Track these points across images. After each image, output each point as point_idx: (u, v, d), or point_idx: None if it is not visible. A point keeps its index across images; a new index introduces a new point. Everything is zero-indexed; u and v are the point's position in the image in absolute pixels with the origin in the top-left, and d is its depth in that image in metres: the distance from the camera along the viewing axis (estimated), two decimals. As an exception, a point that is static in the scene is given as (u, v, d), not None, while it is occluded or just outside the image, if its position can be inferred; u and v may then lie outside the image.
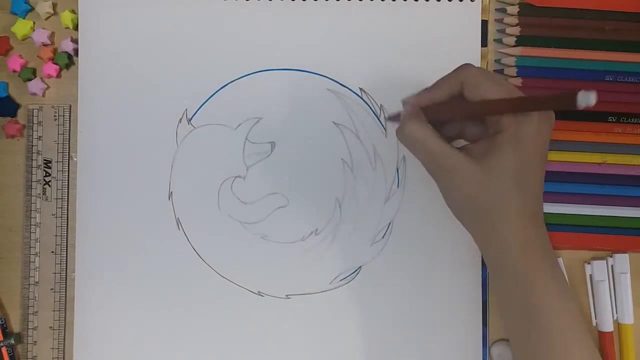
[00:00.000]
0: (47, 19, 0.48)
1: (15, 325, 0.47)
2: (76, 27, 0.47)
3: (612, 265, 0.46)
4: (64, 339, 0.46)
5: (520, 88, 0.46)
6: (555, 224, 0.46)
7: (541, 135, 0.37)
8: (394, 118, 0.44)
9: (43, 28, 0.47)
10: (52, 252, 0.46)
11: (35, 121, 0.47)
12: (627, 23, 0.47)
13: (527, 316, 0.37)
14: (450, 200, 0.39)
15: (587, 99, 0.31)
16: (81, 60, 0.47)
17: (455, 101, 0.39)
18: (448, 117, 0.40)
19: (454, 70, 0.39)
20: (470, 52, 0.47)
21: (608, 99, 0.46)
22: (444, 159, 0.37)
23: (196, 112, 0.47)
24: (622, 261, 0.46)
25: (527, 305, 0.37)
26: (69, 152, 0.47)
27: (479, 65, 0.47)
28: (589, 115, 0.46)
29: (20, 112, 0.48)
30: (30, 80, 0.47)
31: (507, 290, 0.38)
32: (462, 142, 0.40)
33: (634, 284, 0.46)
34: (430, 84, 0.44)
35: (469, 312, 0.46)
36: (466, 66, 0.39)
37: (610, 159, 0.46)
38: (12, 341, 0.46)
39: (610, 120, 0.46)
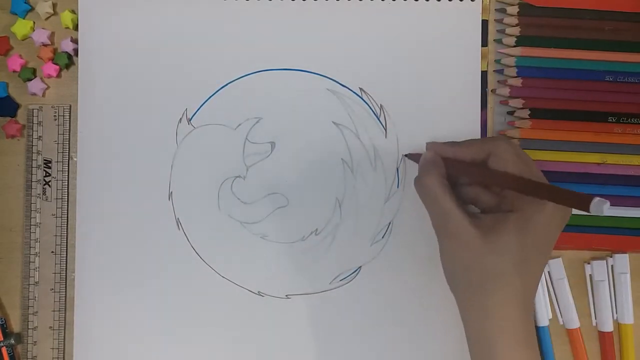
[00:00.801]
0: (47, 19, 0.48)
1: (15, 325, 0.47)
2: (76, 27, 0.47)
3: (612, 265, 0.46)
4: (64, 339, 0.46)
5: (520, 88, 0.46)
6: (555, 224, 0.46)
7: (551, 226, 0.37)
8: (412, 157, 0.44)
9: (43, 28, 0.47)
10: (52, 252, 0.46)
11: (35, 121, 0.47)
12: (626, 23, 0.47)
13: None
14: (447, 264, 0.39)
15: (599, 208, 0.32)
16: (81, 60, 0.47)
17: (478, 165, 0.39)
18: (467, 177, 0.40)
19: (486, 137, 0.40)
20: (470, 52, 0.47)
21: (608, 99, 0.46)
22: (451, 222, 0.37)
23: (196, 112, 0.47)
24: (622, 261, 0.46)
25: None
26: (69, 152, 0.47)
27: (479, 65, 0.47)
28: (589, 115, 0.46)
29: (20, 112, 0.48)
30: (30, 80, 0.47)
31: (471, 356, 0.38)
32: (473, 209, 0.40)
33: (634, 284, 0.46)
34: (430, 83, 0.44)
35: (469, 312, 0.46)
36: (499, 138, 0.39)
37: (610, 159, 0.46)
38: (12, 341, 0.46)
39: (610, 120, 0.46)
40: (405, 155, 0.46)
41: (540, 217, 0.37)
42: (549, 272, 0.46)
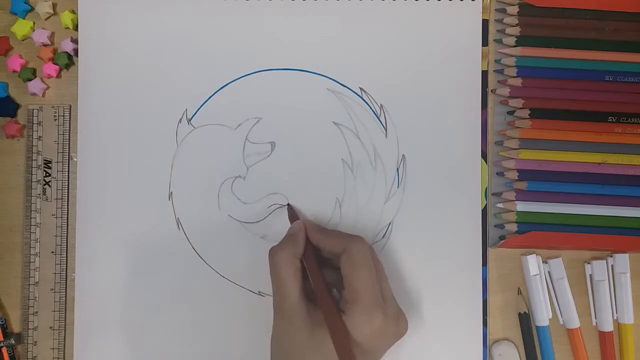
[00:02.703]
0: (47, 19, 0.48)
1: (15, 326, 0.47)
2: (76, 27, 0.47)
3: (612, 265, 0.46)
4: (64, 339, 0.46)
5: (520, 88, 0.46)
6: (555, 224, 0.46)
7: (378, 339, 0.38)
8: (289, 212, 0.45)
9: (43, 28, 0.47)
10: (52, 252, 0.46)
11: (35, 121, 0.47)
12: (627, 23, 0.47)
13: None
14: (273, 345, 0.39)
15: None
16: (81, 60, 0.47)
17: (326, 255, 0.41)
18: (307, 266, 0.40)
19: (347, 235, 0.40)
20: (470, 52, 0.47)
21: (608, 99, 0.46)
22: (287, 304, 0.38)
23: (196, 112, 0.47)
24: (622, 261, 0.46)
25: None
26: (69, 152, 0.47)
27: (480, 65, 0.47)
28: (589, 115, 0.46)
29: (20, 112, 0.48)
30: (30, 80, 0.47)
31: None
32: None
33: (634, 283, 0.46)
34: (430, 83, 0.44)
35: (469, 312, 0.46)
36: (355, 239, 0.40)
37: (610, 159, 0.46)
38: (12, 341, 0.46)
39: (610, 120, 0.46)
40: (287, 205, 0.46)
41: (366, 330, 0.37)
42: (549, 272, 0.46)
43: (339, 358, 0.36)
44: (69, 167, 0.47)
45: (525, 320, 0.46)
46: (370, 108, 0.47)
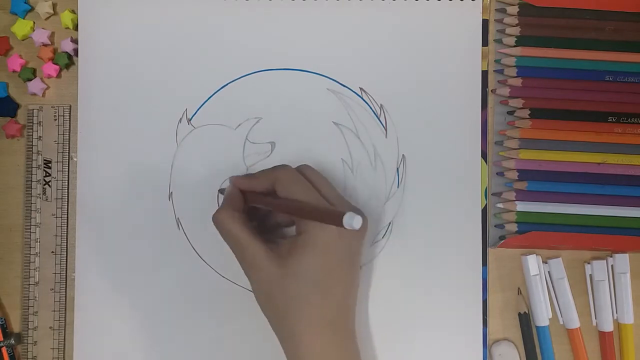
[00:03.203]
0: (47, 19, 0.48)
1: (15, 325, 0.47)
2: (76, 27, 0.47)
3: (612, 265, 0.46)
4: (64, 339, 0.46)
5: (520, 88, 0.46)
6: (555, 224, 0.46)
7: (343, 244, 0.38)
8: (222, 191, 0.45)
9: (43, 28, 0.47)
10: (52, 252, 0.46)
11: (35, 121, 0.47)
12: (627, 23, 0.46)
13: None
14: (256, 294, 0.40)
15: (350, 222, 0.33)
16: (81, 60, 0.47)
17: (267, 196, 0.41)
18: (264, 206, 0.41)
19: (272, 167, 0.41)
20: (470, 52, 0.47)
21: (608, 99, 0.46)
22: (247, 253, 0.39)
23: (196, 112, 0.47)
24: (622, 261, 0.46)
25: None
26: (69, 152, 0.47)
27: (480, 65, 0.47)
28: (589, 115, 0.46)
29: (20, 112, 0.48)
30: (30, 80, 0.47)
31: None
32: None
33: (634, 283, 0.46)
34: (430, 83, 0.44)
35: (469, 312, 0.46)
36: (280, 167, 0.41)
37: (610, 159, 0.46)
38: (12, 341, 0.46)
39: (610, 120, 0.46)
40: (219, 191, 0.46)
41: (327, 235, 0.37)
42: (549, 272, 0.46)
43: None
44: (69, 167, 0.47)
45: (525, 320, 0.46)
46: (370, 108, 0.47)
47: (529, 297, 0.46)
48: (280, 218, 0.43)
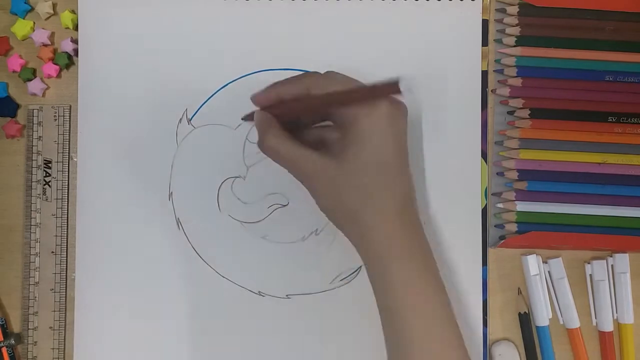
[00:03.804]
0: (47, 19, 0.48)
1: (15, 326, 0.47)
2: (76, 27, 0.47)
3: (612, 265, 0.46)
4: (64, 339, 0.46)
5: (520, 88, 0.46)
6: (555, 224, 0.46)
7: (392, 130, 0.37)
8: (248, 118, 0.43)
9: (43, 28, 0.47)
10: (52, 252, 0.46)
11: (35, 121, 0.47)
12: (627, 23, 0.46)
13: (385, 317, 0.38)
14: (322, 205, 0.39)
15: (407, 83, 0.34)
16: (81, 60, 0.47)
17: (302, 98, 0.39)
18: (297, 115, 0.40)
19: (299, 75, 0.40)
20: (470, 52, 0.47)
21: (608, 99, 0.46)
22: (304, 166, 0.38)
23: (196, 112, 0.47)
24: (622, 261, 0.46)
25: (384, 300, 0.37)
26: (69, 152, 0.47)
27: (480, 65, 0.47)
28: (589, 115, 0.46)
29: (20, 112, 0.48)
30: (30, 80, 0.47)
31: (375, 290, 0.38)
32: None
33: (634, 283, 0.46)
34: (430, 83, 0.44)
35: (469, 312, 0.46)
36: (310, 73, 0.40)
37: (611, 159, 0.46)
38: (12, 341, 0.46)
39: (610, 120, 0.46)
40: (242, 119, 0.44)
41: (376, 121, 0.37)
42: (549, 272, 0.46)
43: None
44: (69, 167, 0.47)
45: (525, 320, 0.46)
46: (370, 108, 0.47)
47: (529, 297, 0.46)
48: (309, 118, 0.41)
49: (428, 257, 0.38)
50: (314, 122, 0.42)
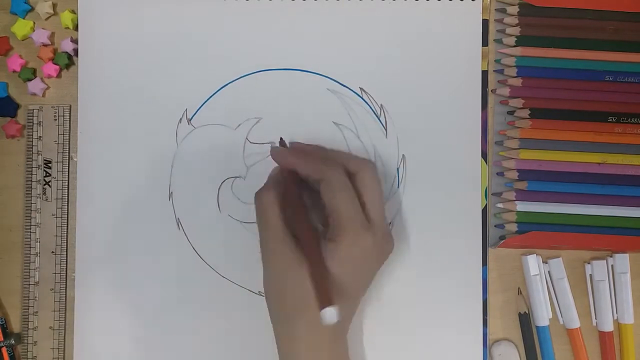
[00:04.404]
0: (47, 19, 0.48)
1: (15, 326, 0.47)
2: (76, 27, 0.47)
3: (612, 265, 0.46)
4: (64, 339, 0.46)
5: (520, 88, 0.46)
6: (555, 224, 0.46)
7: (366, 260, 0.38)
8: (280, 144, 0.45)
9: (43, 28, 0.47)
10: (52, 252, 0.46)
11: (35, 121, 0.47)
12: (627, 23, 0.46)
13: None
14: (266, 285, 0.39)
15: (325, 317, 0.34)
16: (81, 60, 0.47)
17: (310, 184, 0.40)
18: (299, 189, 0.41)
19: (326, 163, 0.40)
20: (470, 52, 0.47)
21: (608, 99, 0.46)
22: (275, 240, 0.38)
23: (196, 112, 0.47)
24: (622, 261, 0.46)
25: None
26: (69, 152, 0.47)
27: (480, 65, 0.47)
28: (589, 115, 0.46)
29: (20, 112, 0.48)
30: (30, 80, 0.47)
31: None
32: None
33: (634, 283, 0.46)
34: (430, 83, 0.44)
35: (469, 312, 0.46)
36: (334, 168, 0.39)
37: (610, 159, 0.46)
38: (12, 341, 0.46)
39: (610, 120, 0.46)
40: (272, 146, 0.45)
41: (354, 249, 0.37)
42: (549, 272, 0.46)
43: (314, 293, 0.36)
44: (69, 167, 0.47)
45: (525, 320, 0.46)
46: (370, 108, 0.47)
47: (529, 297, 0.46)
48: (315, 215, 0.42)
49: None
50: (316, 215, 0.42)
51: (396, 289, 0.46)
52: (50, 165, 0.47)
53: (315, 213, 0.42)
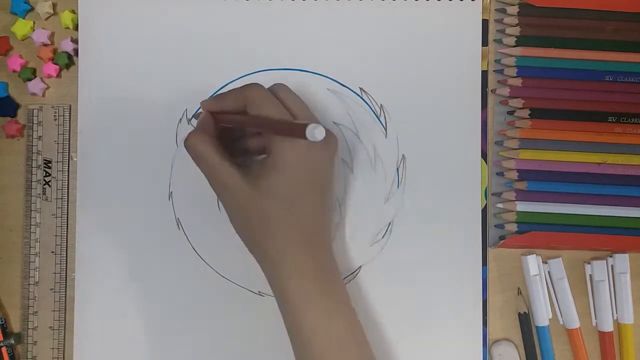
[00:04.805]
0: (47, 19, 0.48)
1: (15, 325, 0.47)
2: (76, 27, 0.47)
3: (612, 265, 0.46)
4: (64, 339, 0.46)
5: (520, 88, 0.46)
6: (555, 224, 0.46)
7: (311, 161, 0.38)
8: (197, 116, 0.45)
9: (43, 28, 0.47)
10: (52, 252, 0.46)
11: (35, 121, 0.47)
12: (627, 23, 0.47)
13: (290, 333, 0.38)
14: (231, 219, 0.40)
15: (312, 133, 0.33)
16: (81, 60, 0.47)
17: (240, 113, 0.40)
18: (233, 125, 0.42)
19: (243, 85, 0.41)
20: (470, 52, 0.47)
21: (608, 99, 0.46)
22: (219, 175, 0.39)
23: (196, 112, 0.47)
24: (622, 261, 0.46)
25: (287, 322, 0.38)
26: (69, 152, 0.47)
27: (480, 65, 0.47)
28: (589, 115, 0.46)
29: (20, 112, 0.48)
30: (30, 80, 0.47)
31: (278, 307, 0.39)
32: None
33: (634, 283, 0.46)
34: (430, 83, 0.44)
35: (469, 312, 0.46)
36: (254, 85, 0.40)
37: (610, 159, 0.46)
38: (12, 341, 0.46)
39: (610, 120, 0.46)
40: (190, 118, 0.46)
41: (293, 153, 0.38)
42: (549, 272, 0.46)
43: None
44: (69, 167, 0.47)
45: (525, 320, 0.46)
46: (370, 108, 0.47)
47: (528, 297, 0.46)
48: (251, 144, 0.43)
49: (332, 280, 0.39)
50: (253, 144, 0.43)
51: (396, 288, 0.46)
52: (50, 165, 0.47)
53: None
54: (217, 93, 0.43)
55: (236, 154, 0.43)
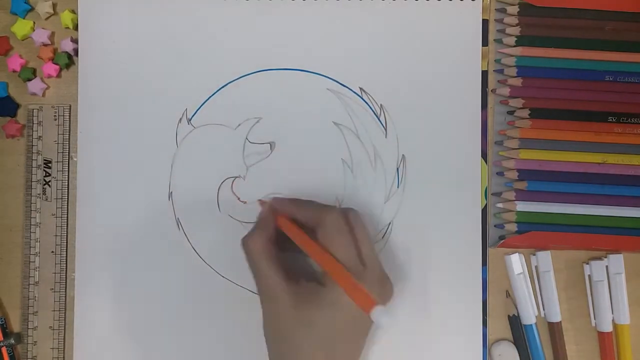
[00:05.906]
0: (47, 19, 0.48)
1: (15, 325, 0.47)
2: (76, 27, 0.47)
3: (606, 266, 0.46)
4: (64, 339, 0.46)
5: (520, 88, 0.46)
6: (555, 224, 0.46)
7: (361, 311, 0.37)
8: (262, 203, 0.44)
9: (43, 28, 0.47)
10: (52, 252, 0.46)
11: (35, 121, 0.47)
12: (627, 23, 0.47)
13: None
14: (265, 328, 0.40)
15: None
16: (81, 60, 0.47)
17: (306, 231, 0.39)
18: (294, 241, 0.40)
19: (322, 205, 0.40)
20: (470, 52, 0.47)
21: (608, 99, 0.46)
22: (268, 286, 0.38)
23: (196, 112, 0.47)
24: (616, 262, 0.46)
25: None
26: (69, 152, 0.47)
27: (480, 65, 0.47)
28: (589, 115, 0.46)
29: (20, 112, 0.48)
30: (30, 80, 0.47)
31: None
32: None
33: (633, 284, 0.46)
34: (430, 83, 0.44)
35: (469, 312, 0.46)
36: (331, 209, 0.39)
37: (611, 159, 0.46)
38: (12, 341, 0.46)
39: (610, 120, 0.46)
40: (258, 200, 0.45)
41: (348, 299, 0.36)
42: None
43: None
44: (69, 167, 0.47)
45: (515, 322, 0.46)
46: (370, 108, 0.47)
47: (515, 297, 0.46)
48: (310, 260, 0.42)
49: None
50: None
51: (396, 288, 0.46)
52: (50, 165, 0.47)
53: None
54: (292, 197, 0.42)
55: (290, 263, 0.41)
